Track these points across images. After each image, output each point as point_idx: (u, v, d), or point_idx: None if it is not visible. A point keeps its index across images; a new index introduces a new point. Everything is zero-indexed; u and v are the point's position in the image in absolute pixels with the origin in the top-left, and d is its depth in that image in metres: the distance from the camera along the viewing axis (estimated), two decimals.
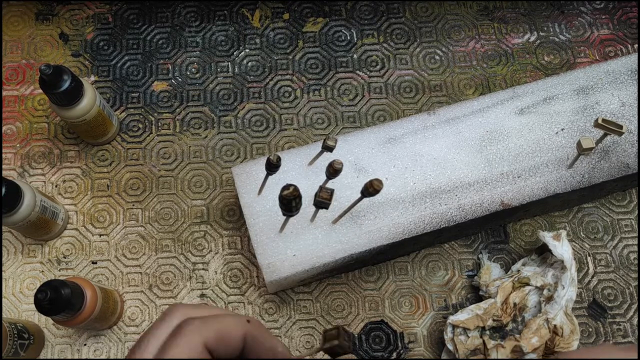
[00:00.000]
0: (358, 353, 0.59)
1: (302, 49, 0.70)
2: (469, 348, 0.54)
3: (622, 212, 0.64)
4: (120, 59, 0.70)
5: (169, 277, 0.61)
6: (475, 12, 0.72)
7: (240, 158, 0.66)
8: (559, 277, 0.55)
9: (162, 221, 0.63)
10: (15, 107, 0.67)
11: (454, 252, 0.62)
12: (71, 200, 0.64)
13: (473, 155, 0.58)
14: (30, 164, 0.65)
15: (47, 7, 0.72)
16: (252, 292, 0.61)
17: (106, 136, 0.64)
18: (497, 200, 0.56)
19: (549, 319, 0.54)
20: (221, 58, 0.70)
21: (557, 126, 0.59)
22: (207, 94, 0.68)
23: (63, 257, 0.62)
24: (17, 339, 0.53)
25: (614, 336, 0.59)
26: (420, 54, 0.70)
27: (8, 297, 0.60)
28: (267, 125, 0.67)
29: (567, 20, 0.72)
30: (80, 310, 0.50)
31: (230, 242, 0.62)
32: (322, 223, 0.55)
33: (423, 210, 0.55)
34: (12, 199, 0.52)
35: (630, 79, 0.61)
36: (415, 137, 0.58)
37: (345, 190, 0.56)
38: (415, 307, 0.60)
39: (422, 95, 0.68)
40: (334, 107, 0.68)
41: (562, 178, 0.57)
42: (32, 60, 0.70)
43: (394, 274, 0.61)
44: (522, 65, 0.70)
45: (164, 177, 0.65)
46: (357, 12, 0.72)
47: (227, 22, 0.71)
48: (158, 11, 0.72)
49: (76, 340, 0.59)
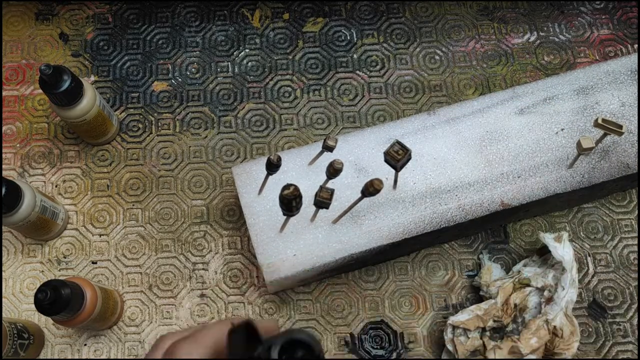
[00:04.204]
0: (358, 353, 0.59)
1: (302, 49, 0.70)
2: (468, 349, 0.54)
3: (622, 212, 0.64)
4: (120, 59, 0.70)
5: (169, 277, 0.61)
6: (475, 12, 0.72)
7: (240, 158, 0.66)
8: (559, 279, 0.55)
9: (162, 221, 0.63)
10: (15, 107, 0.67)
11: (454, 252, 0.62)
12: (71, 200, 0.64)
13: (473, 155, 0.58)
14: (30, 164, 0.65)
15: (47, 7, 0.72)
16: (252, 292, 0.61)
17: (106, 136, 0.64)
18: (497, 200, 0.56)
19: (548, 320, 0.53)
20: (221, 58, 0.70)
21: (557, 126, 0.59)
22: (207, 94, 0.68)
23: (63, 257, 0.62)
24: (17, 338, 0.53)
25: (614, 336, 0.59)
26: (420, 54, 0.70)
27: (8, 297, 0.60)
28: (267, 125, 0.67)
29: (567, 20, 0.72)
30: (80, 310, 0.50)
31: (230, 242, 0.62)
32: (322, 223, 0.55)
33: (423, 210, 0.55)
34: (12, 199, 0.52)
35: (630, 79, 0.61)
36: (415, 137, 0.58)
37: (346, 190, 0.56)
38: (415, 307, 0.60)
39: (422, 95, 0.68)
40: (334, 107, 0.68)
41: (562, 178, 0.57)
42: (32, 60, 0.70)
43: (394, 274, 0.61)
44: (522, 65, 0.70)
45: (164, 177, 0.65)
46: (357, 12, 0.72)
47: (227, 22, 0.71)
48: (158, 11, 0.72)
49: (76, 340, 0.59)
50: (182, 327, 0.60)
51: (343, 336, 0.59)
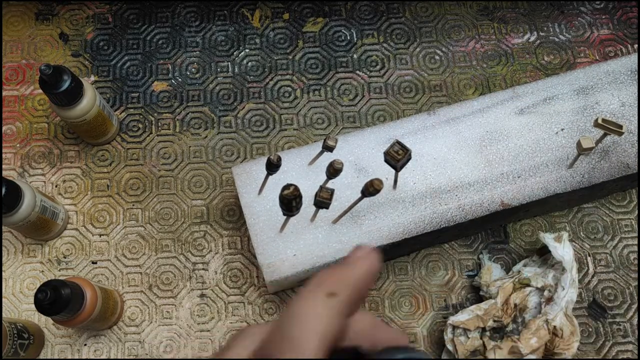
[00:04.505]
0: None
1: (302, 49, 0.70)
2: (468, 349, 0.54)
3: (622, 212, 0.64)
4: (120, 59, 0.70)
5: (169, 277, 0.61)
6: (475, 12, 0.72)
7: (240, 158, 0.66)
8: (559, 279, 0.55)
9: (162, 221, 0.63)
10: (15, 107, 0.67)
11: (454, 252, 0.62)
12: (71, 200, 0.64)
13: (473, 155, 0.58)
14: (30, 164, 0.65)
15: (47, 7, 0.72)
16: (252, 292, 0.61)
17: (106, 136, 0.64)
18: (497, 200, 0.56)
19: (548, 320, 0.53)
20: (221, 58, 0.70)
21: (557, 126, 0.59)
22: (207, 94, 0.68)
23: (63, 257, 0.62)
24: (17, 338, 0.53)
25: (614, 336, 0.59)
26: (420, 54, 0.70)
27: (8, 297, 0.60)
28: (267, 125, 0.67)
29: (567, 20, 0.72)
30: (80, 310, 0.50)
31: (230, 242, 0.62)
32: (323, 223, 0.55)
33: (423, 210, 0.55)
34: (12, 199, 0.52)
35: (630, 79, 0.61)
36: (415, 137, 0.58)
37: (346, 190, 0.56)
38: (415, 307, 0.60)
39: (422, 95, 0.68)
40: (334, 107, 0.68)
41: (562, 178, 0.57)
42: (32, 60, 0.70)
43: (394, 274, 0.61)
44: (522, 65, 0.70)
45: (164, 177, 0.65)
46: (357, 12, 0.72)
47: (227, 22, 0.71)
48: (158, 11, 0.72)
49: (76, 340, 0.59)
50: (182, 327, 0.60)
51: None
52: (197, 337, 0.59)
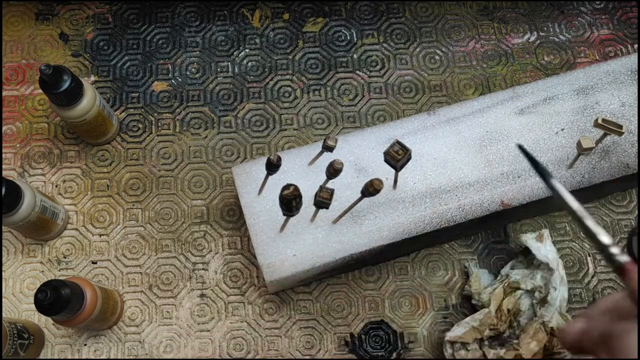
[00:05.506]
0: (358, 353, 0.59)
1: (302, 49, 0.70)
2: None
3: (622, 212, 0.64)
4: (120, 59, 0.70)
5: (169, 277, 0.61)
6: (475, 12, 0.72)
7: (240, 158, 0.66)
8: (548, 279, 0.55)
9: (162, 221, 0.63)
10: (15, 107, 0.67)
11: (454, 252, 0.62)
12: (71, 200, 0.64)
13: (473, 155, 0.58)
14: (30, 164, 0.65)
15: (47, 7, 0.72)
16: (252, 292, 0.61)
17: (106, 136, 0.64)
18: (497, 200, 0.56)
19: (545, 322, 0.54)
20: (221, 58, 0.70)
21: (557, 126, 0.59)
22: (207, 94, 0.68)
23: (63, 257, 0.62)
24: (17, 338, 0.53)
25: None
26: (420, 54, 0.70)
27: (8, 297, 0.60)
28: (267, 125, 0.67)
29: (567, 20, 0.72)
30: (80, 310, 0.50)
31: (230, 242, 0.62)
32: (322, 223, 0.55)
33: (423, 210, 0.55)
34: (12, 199, 0.52)
35: (630, 79, 0.61)
36: (415, 137, 0.58)
37: (346, 190, 0.56)
38: (415, 307, 0.60)
39: (422, 95, 0.68)
40: (334, 107, 0.68)
41: (562, 178, 0.57)
42: (32, 60, 0.70)
43: (394, 274, 0.61)
44: (522, 65, 0.70)
45: (164, 177, 0.65)
46: (357, 12, 0.72)
47: (227, 22, 0.71)
48: (158, 11, 0.72)
49: (76, 340, 0.59)
50: (182, 327, 0.60)
51: (343, 336, 0.59)
52: (197, 337, 0.59)
